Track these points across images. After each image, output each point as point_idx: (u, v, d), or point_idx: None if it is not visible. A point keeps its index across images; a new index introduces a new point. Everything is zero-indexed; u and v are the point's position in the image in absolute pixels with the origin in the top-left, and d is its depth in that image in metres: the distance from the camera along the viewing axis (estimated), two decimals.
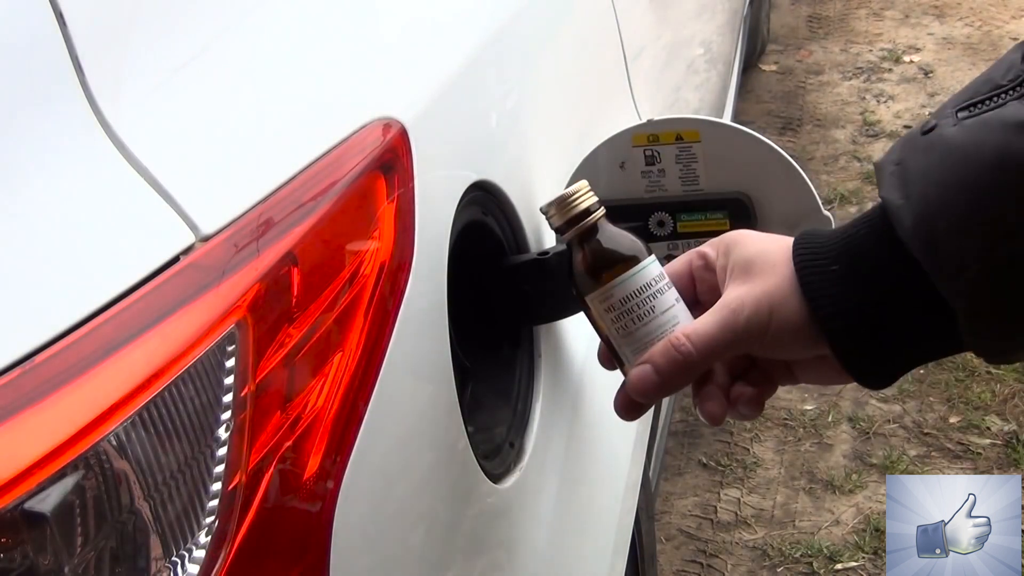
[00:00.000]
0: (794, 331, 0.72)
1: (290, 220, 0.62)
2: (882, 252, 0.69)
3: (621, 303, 0.76)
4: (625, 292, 0.75)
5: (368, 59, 0.81)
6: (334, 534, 0.62)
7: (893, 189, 0.69)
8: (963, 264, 0.66)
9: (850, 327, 0.70)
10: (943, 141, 0.67)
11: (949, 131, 0.67)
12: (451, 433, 0.78)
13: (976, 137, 0.65)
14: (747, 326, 0.72)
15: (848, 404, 2.50)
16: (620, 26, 1.37)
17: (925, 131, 0.69)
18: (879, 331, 0.70)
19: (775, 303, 0.72)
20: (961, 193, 0.65)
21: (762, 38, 4.04)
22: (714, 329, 0.73)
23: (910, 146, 0.70)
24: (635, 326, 0.75)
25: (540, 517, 0.94)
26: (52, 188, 0.57)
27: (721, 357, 0.75)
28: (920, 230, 0.67)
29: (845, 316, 0.70)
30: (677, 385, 0.75)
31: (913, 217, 0.67)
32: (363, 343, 0.66)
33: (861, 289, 0.70)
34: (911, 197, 0.67)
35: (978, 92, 0.68)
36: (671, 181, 0.97)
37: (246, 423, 0.57)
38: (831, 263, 0.71)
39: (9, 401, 0.49)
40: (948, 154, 0.66)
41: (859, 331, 0.71)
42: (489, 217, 0.88)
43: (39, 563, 0.50)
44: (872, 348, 0.71)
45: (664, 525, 2.21)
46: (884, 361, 0.72)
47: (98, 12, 0.62)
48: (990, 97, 0.67)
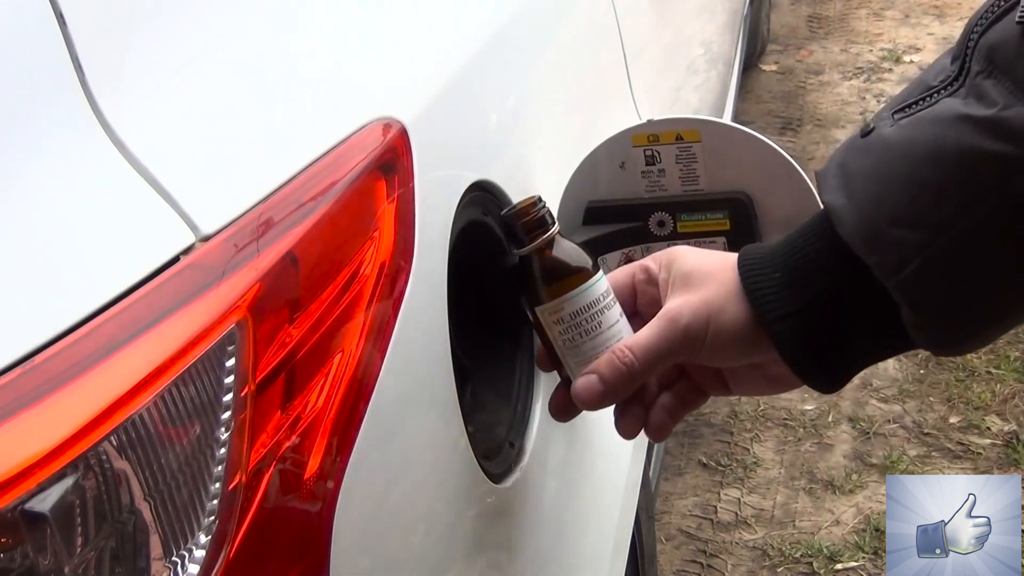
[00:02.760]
0: (734, 337, 0.74)
1: (290, 220, 0.62)
2: (825, 255, 0.71)
3: (571, 317, 0.79)
4: (575, 307, 0.79)
5: (368, 59, 0.81)
6: (334, 534, 0.62)
7: (834, 191, 0.70)
8: (904, 258, 0.67)
9: (796, 329, 0.72)
10: (881, 141, 0.69)
11: (886, 131, 0.69)
12: (451, 433, 0.78)
13: (911, 134, 0.67)
14: (686, 334, 0.75)
15: (848, 404, 2.50)
16: (620, 26, 1.37)
17: (864, 134, 0.71)
18: (825, 332, 0.72)
19: (714, 310, 0.75)
20: (899, 189, 0.67)
21: (762, 38, 4.04)
22: (655, 339, 0.76)
23: (850, 149, 0.71)
24: (582, 340, 0.79)
25: (540, 517, 0.93)
26: (52, 188, 0.57)
27: (663, 366, 0.78)
28: (861, 228, 0.68)
29: (791, 318, 0.72)
30: (620, 394, 0.79)
31: (854, 216, 0.69)
32: (363, 343, 0.66)
33: (806, 292, 0.72)
34: (852, 197, 0.69)
35: (912, 94, 0.70)
36: (671, 181, 0.97)
37: (246, 423, 0.57)
38: (774, 271, 0.73)
39: (9, 401, 0.49)
40: (886, 152, 0.68)
41: (805, 333, 0.72)
42: (489, 217, 0.88)
43: (39, 563, 0.50)
44: (819, 349, 0.73)
45: (664, 525, 2.21)
46: (832, 362, 0.73)
47: (98, 12, 0.62)
48: (923, 98, 0.69)
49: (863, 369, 0.75)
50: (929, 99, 0.68)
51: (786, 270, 0.73)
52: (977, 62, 0.66)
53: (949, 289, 0.68)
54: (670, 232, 0.97)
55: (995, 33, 0.66)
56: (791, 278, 0.73)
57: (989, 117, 0.64)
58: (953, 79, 0.68)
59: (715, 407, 2.53)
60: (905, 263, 0.67)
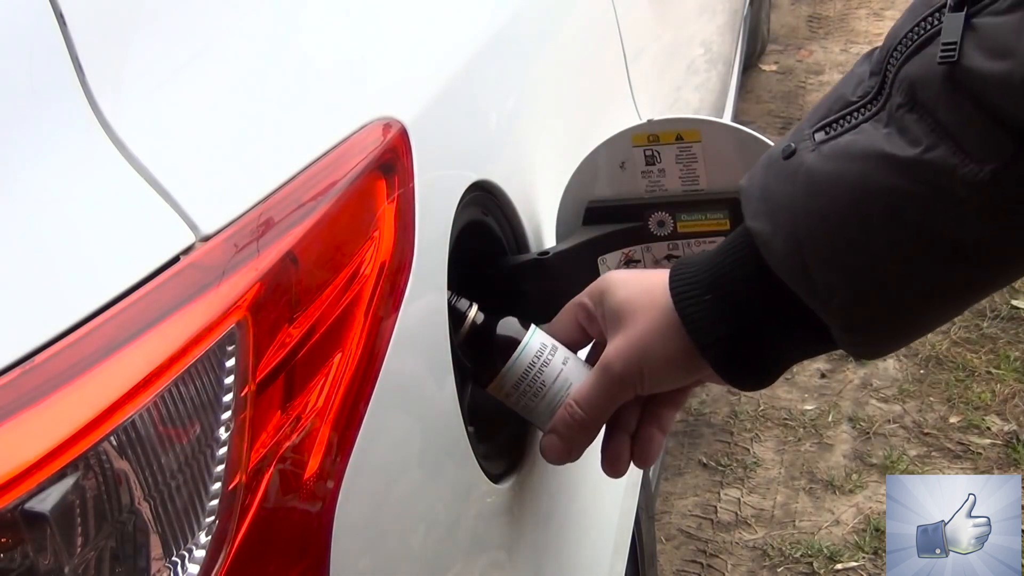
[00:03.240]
0: (670, 367, 0.78)
1: (290, 220, 0.62)
2: (754, 281, 0.73)
3: (514, 388, 0.83)
4: (513, 378, 0.82)
5: (368, 59, 0.81)
6: (334, 534, 0.62)
7: (760, 217, 0.72)
8: (832, 291, 0.70)
9: (730, 351, 0.75)
10: (805, 170, 0.70)
11: (809, 157, 0.70)
12: (451, 433, 0.78)
13: (836, 168, 0.68)
14: (622, 380, 0.78)
15: (848, 404, 2.51)
16: (620, 26, 1.37)
17: (786, 155, 0.71)
18: (758, 349, 0.75)
19: (647, 348, 0.77)
20: (825, 225, 0.69)
21: (762, 38, 4.03)
22: (595, 391, 0.80)
23: (773, 171, 0.72)
24: (534, 402, 0.82)
25: (540, 517, 0.94)
26: (52, 188, 0.56)
27: (612, 409, 0.81)
28: (789, 261, 0.70)
29: (724, 342, 0.75)
30: (584, 444, 0.82)
31: (783, 249, 0.70)
32: (363, 343, 0.66)
33: (737, 319, 0.74)
34: (778, 227, 0.71)
35: (831, 110, 0.71)
36: (671, 181, 0.97)
37: (246, 423, 0.57)
38: (704, 292, 0.75)
39: (9, 401, 0.49)
40: (811, 184, 0.69)
41: (739, 353, 0.75)
42: (489, 217, 0.88)
43: (39, 563, 0.50)
44: (754, 363, 0.76)
45: (664, 525, 2.21)
46: (767, 371, 0.77)
47: (98, 12, 0.62)
48: (843, 116, 0.70)
49: (794, 364, 0.79)
50: (850, 118, 0.69)
51: (716, 292, 0.75)
52: (899, 93, 0.67)
53: (877, 314, 0.71)
54: (670, 232, 0.97)
55: (916, 67, 0.66)
56: (723, 305, 0.75)
57: (913, 159, 0.65)
58: (873, 97, 0.69)
59: (715, 407, 2.53)
60: (833, 294, 0.70)
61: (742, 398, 2.56)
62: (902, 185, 0.66)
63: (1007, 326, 2.70)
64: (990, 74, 0.61)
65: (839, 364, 2.64)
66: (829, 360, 2.65)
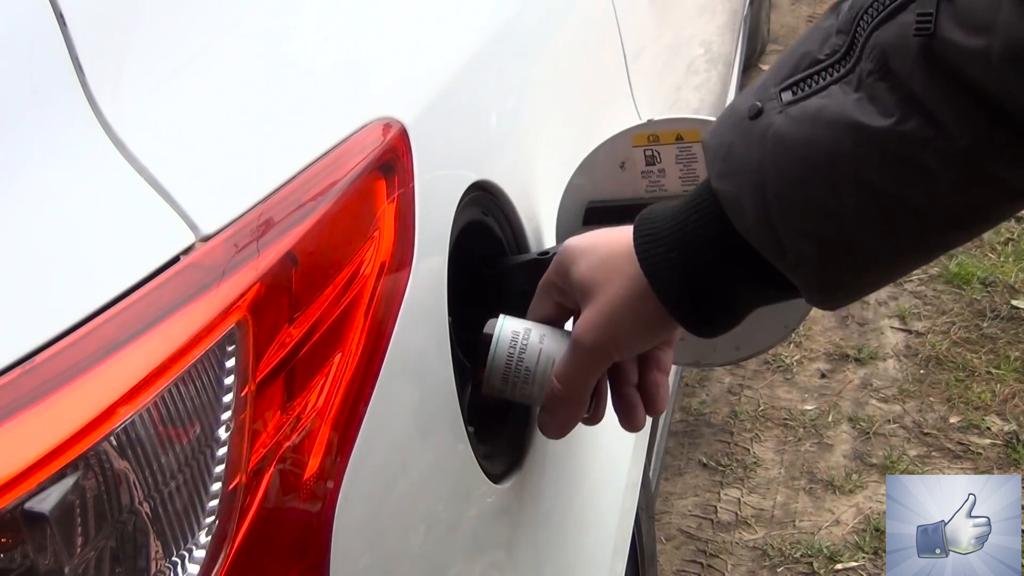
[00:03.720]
0: (644, 328, 0.78)
1: (290, 220, 0.62)
2: (717, 238, 0.73)
3: (504, 382, 0.82)
4: (499, 373, 0.82)
5: (368, 59, 0.81)
6: (334, 534, 0.62)
7: (726, 179, 0.72)
8: (801, 255, 0.70)
9: (697, 309, 0.76)
10: (774, 133, 0.69)
11: (777, 120, 0.69)
12: (451, 433, 0.78)
13: (806, 134, 0.68)
14: (594, 351, 0.79)
15: (848, 404, 2.51)
16: (620, 26, 1.37)
17: (753, 115, 0.71)
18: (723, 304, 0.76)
19: (616, 313, 0.77)
20: (794, 192, 0.68)
21: (762, 38, 4.03)
22: (571, 366, 0.80)
23: (740, 131, 0.72)
24: (528, 388, 0.82)
25: (540, 517, 0.94)
26: (52, 188, 0.57)
27: (593, 379, 0.81)
28: (759, 227, 0.70)
29: (692, 301, 0.75)
30: (574, 416, 0.82)
31: (752, 215, 0.70)
32: (363, 343, 0.66)
33: (702, 275, 0.75)
34: (745, 190, 0.70)
35: (798, 67, 0.70)
36: (671, 181, 0.97)
37: (246, 423, 0.57)
38: (669, 250, 0.75)
39: (9, 401, 0.49)
40: (780, 149, 0.69)
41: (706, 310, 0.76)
42: (489, 217, 0.88)
43: (39, 563, 0.50)
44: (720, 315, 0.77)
45: (664, 525, 2.21)
46: (732, 320, 0.77)
47: (98, 12, 0.62)
48: (811, 76, 0.69)
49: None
50: (818, 78, 0.68)
51: (682, 251, 0.75)
52: (869, 59, 0.66)
53: (844, 275, 0.72)
54: None
55: (889, 35, 0.65)
56: (689, 263, 0.75)
57: (886, 130, 0.64)
58: (842, 57, 0.68)
59: (715, 407, 2.53)
60: (802, 258, 0.70)
61: (742, 398, 2.56)
62: (874, 155, 0.65)
63: (1007, 326, 2.70)
64: (967, 49, 0.60)
65: (839, 364, 2.64)
66: (829, 360, 2.66)
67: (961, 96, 0.62)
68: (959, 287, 2.85)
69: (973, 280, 2.86)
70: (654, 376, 0.83)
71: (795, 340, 2.68)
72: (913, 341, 2.69)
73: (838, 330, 2.76)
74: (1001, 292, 2.82)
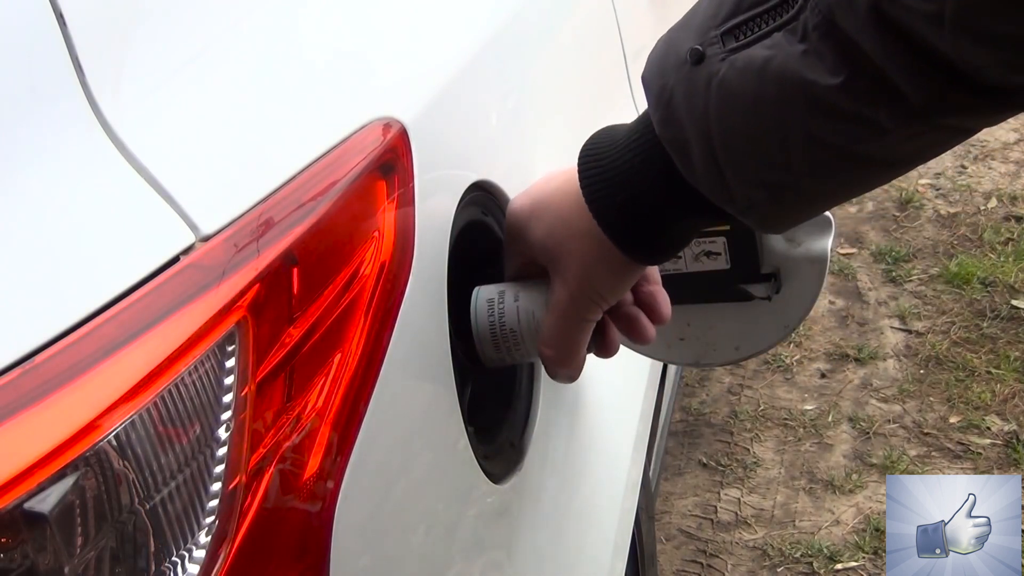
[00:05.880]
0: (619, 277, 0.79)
1: (290, 220, 0.62)
2: (661, 179, 0.74)
3: (497, 349, 0.83)
4: (489, 342, 0.83)
5: (368, 59, 0.81)
6: (334, 534, 0.62)
7: (670, 126, 0.71)
8: (752, 201, 0.71)
9: (651, 246, 0.77)
10: (718, 83, 0.68)
11: (721, 68, 0.68)
12: (451, 433, 0.78)
13: (752, 87, 0.67)
14: (578, 312, 0.79)
15: (848, 404, 2.51)
16: (620, 26, 1.37)
17: (695, 60, 0.70)
18: (674, 237, 0.77)
19: (587, 271, 0.79)
20: (742, 144, 0.69)
21: None
22: (555, 329, 0.81)
23: (681, 77, 0.71)
24: (524, 347, 0.83)
25: (540, 517, 0.93)
26: (51, 188, 0.57)
27: (584, 338, 0.82)
28: (707, 175, 0.71)
29: (644, 241, 0.77)
30: (578, 367, 0.83)
31: (700, 164, 0.71)
32: (363, 343, 0.66)
33: (653, 217, 0.76)
34: (691, 139, 0.70)
35: (740, 8, 0.68)
36: None
37: (246, 423, 0.57)
38: (617, 192, 0.76)
39: (9, 401, 0.49)
40: (725, 100, 0.68)
41: (658, 244, 0.77)
42: (489, 217, 0.88)
43: (39, 563, 0.50)
44: (670, 249, 0.78)
45: (664, 525, 2.21)
46: (678, 247, 0.79)
47: (98, 12, 0.62)
48: (752, 19, 0.68)
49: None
50: (760, 22, 0.67)
51: (626, 194, 0.76)
52: (815, 12, 0.64)
53: (791, 213, 0.74)
54: None
55: None
56: (637, 205, 0.75)
57: (835, 88, 0.64)
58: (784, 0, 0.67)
59: (715, 407, 2.53)
60: (752, 203, 0.71)
61: (742, 398, 2.56)
62: (824, 113, 0.65)
63: (1007, 326, 2.70)
64: (919, 10, 0.59)
65: (839, 364, 2.64)
66: (829, 360, 2.66)
67: (913, 57, 0.61)
68: (959, 287, 2.86)
69: (973, 280, 2.86)
70: (646, 288, 0.84)
71: (795, 340, 2.69)
72: (913, 341, 2.69)
73: (838, 330, 2.76)
74: (1001, 292, 2.83)
